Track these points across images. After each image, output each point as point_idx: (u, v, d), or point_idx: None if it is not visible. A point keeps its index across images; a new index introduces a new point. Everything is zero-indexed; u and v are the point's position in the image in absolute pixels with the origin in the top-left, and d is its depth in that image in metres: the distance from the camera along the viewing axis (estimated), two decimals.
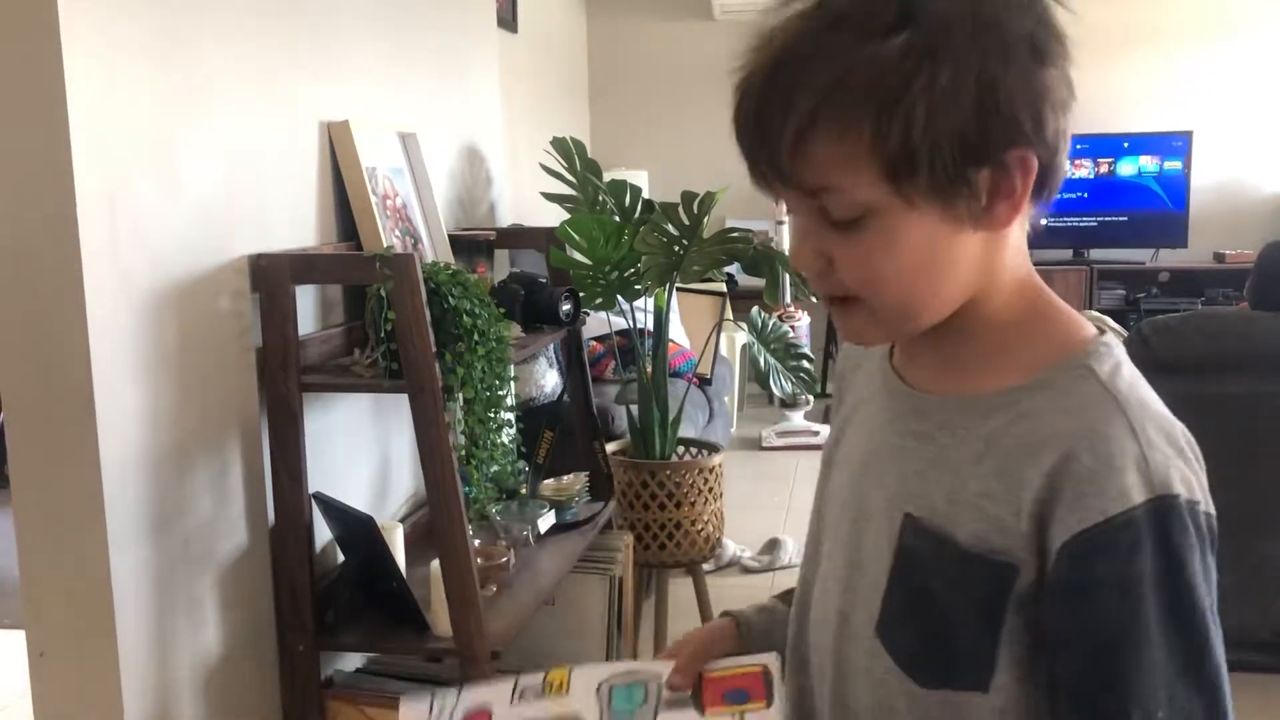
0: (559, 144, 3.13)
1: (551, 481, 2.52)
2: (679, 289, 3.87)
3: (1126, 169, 5.26)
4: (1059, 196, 0.79)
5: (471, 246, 2.66)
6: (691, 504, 2.85)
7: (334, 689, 1.96)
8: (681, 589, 2.98)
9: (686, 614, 2.92)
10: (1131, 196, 5.28)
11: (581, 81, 5.66)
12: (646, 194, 3.06)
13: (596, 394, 2.84)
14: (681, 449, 3.04)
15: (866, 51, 0.68)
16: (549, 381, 3.17)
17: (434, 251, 2.36)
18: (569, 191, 3.14)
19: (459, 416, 1.90)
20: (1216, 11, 5.23)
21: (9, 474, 1.56)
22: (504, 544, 2.19)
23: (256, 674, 1.89)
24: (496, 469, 1.98)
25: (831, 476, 0.93)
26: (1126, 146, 5.22)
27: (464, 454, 1.90)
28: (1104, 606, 0.70)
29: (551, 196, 3.19)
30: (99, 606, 1.55)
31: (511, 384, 2.01)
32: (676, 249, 2.73)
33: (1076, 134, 0.76)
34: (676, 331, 4.13)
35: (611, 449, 2.87)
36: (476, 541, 2.08)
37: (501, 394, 1.94)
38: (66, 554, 1.55)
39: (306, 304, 1.99)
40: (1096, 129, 5.17)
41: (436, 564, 1.85)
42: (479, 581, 1.84)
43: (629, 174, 4.51)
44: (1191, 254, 5.24)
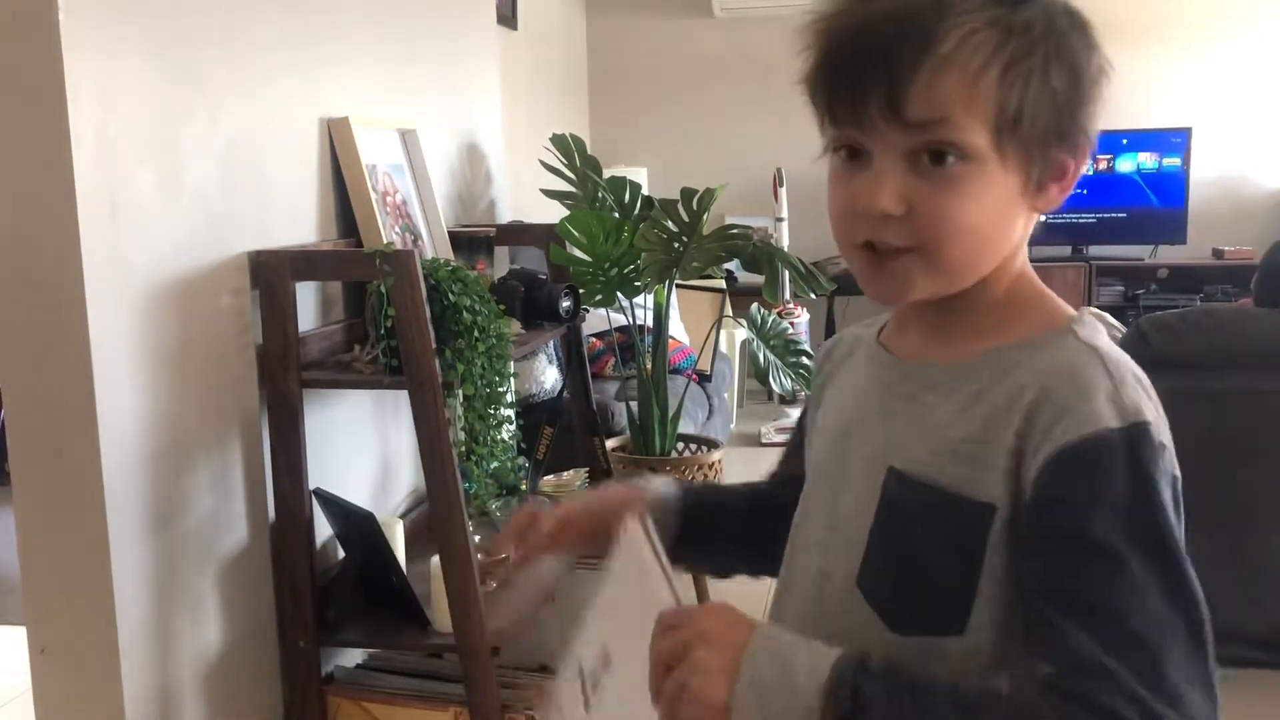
0: (559, 141, 3.13)
1: (551, 478, 2.53)
2: (679, 285, 3.87)
3: (1126, 165, 5.26)
4: None
5: (471, 243, 2.66)
6: None
7: (335, 685, 1.96)
8: (681, 583, 2.98)
9: None
10: (1130, 193, 5.28)
11: (581, 78, 5.66)
12: (646, 190, 3.07)
13: (596, 390, 2.85)
14: (681, 445, 3.04)
15: (999, 12, 0.75)
16: (549, 378, 3.18)
17: (434, 248, 2.37)
18: (569, 188, 3.14)
19: (459, 413, 1.90)
20: (1216, 7, 5.22)
21: (10, 471, 1.56)
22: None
23: (257, 670, 1.89)
24: (496, 465, 1.98)
25: (809, 457, 0.96)
26: (1125, 143, 5.22)
27: (464, 450, 1.91)
28: (1077, 515, 0.72)
29: (551, 193, 3.19)
30: (100, 603, 1.55)
31: (511, 380, 2.01)
32: (676, 246, 2.73)
33: None
34: (676, 328, 4.13)
35: (611, 445, 2.87)
36: (477, 538, 2.08)
37: (501, 390, 1.94)
38: (67, 551, 1.55)
39: (307, 301, 2.00)
40: (1097, 133, 5.16)
41: (437, 560, 1.85)
42: (479, 578, 1.85)
43: (628, 171, 4.52)
44: (1190, 250, 5.24)
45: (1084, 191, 5.24)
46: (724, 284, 4.27)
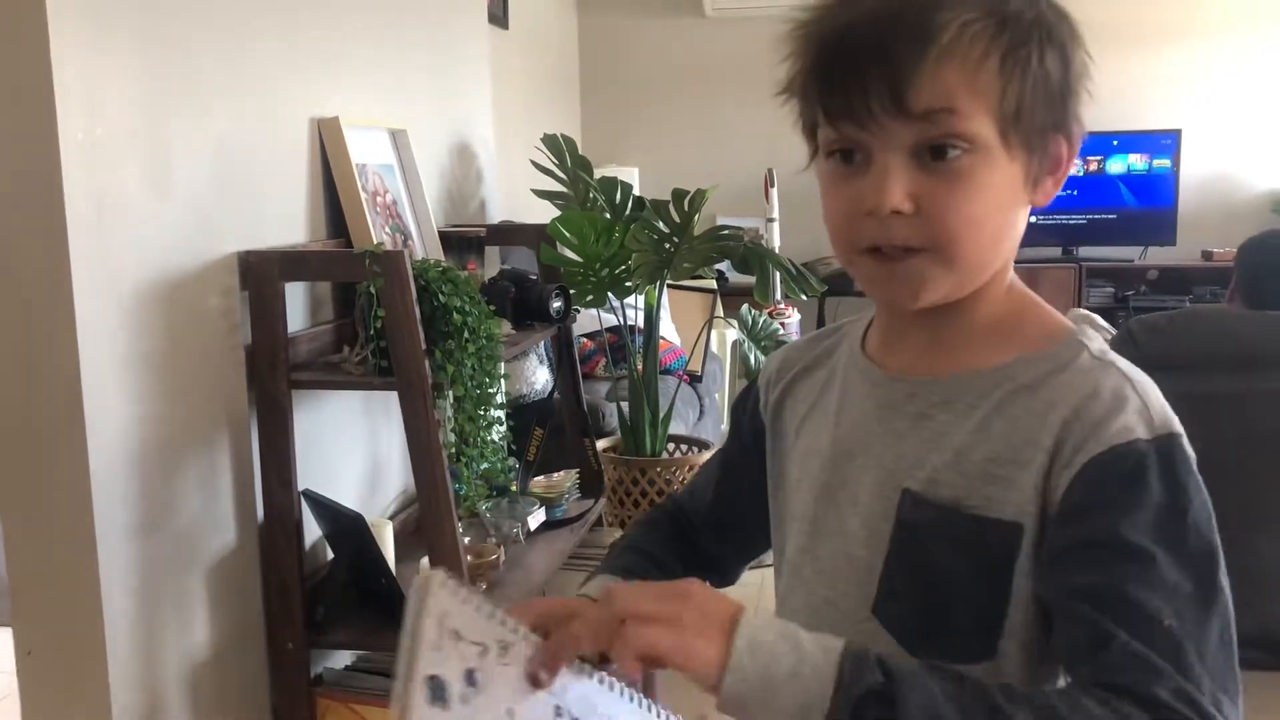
0: (550, 141, 3.13)
1: (542, 479, 2.52)
2: (669, 286, 3.87)
3: (1115, 167, 5.27)
4: None
5: (462, 243, 2.65)
6: None
7: (323, 687, 1.95)
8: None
9: None
10: (1120, 194, 5.29)
11: (573, 78, 5.65)
12: (637, 191, 3.07)
13: (587, 391, 2.84)
14: (672, 446, 3.04)
15: (992, 3, 0.75)
16: (539, 378, 3.17)
17: (424, 248, 2.36)
18: (560, 188, 3.14)
19: (449, 414, 1.90)
20: (1205, 9, 5.24)
21: None
22: (494, 541, 2.19)
23: (245, 672, 1.88)
24: (486, 466, 1.98)
25: (788, 475, 0.92)
26: (1115, 144, 5.23)
27: (454, 451, 1.90)
28: (1111, 521, 0.70)
29: (542, 193, 3.19)
30: (87, 605, 1.54)
31: (502, 381, 2.01)
32: (667, 246, 2.73)
33: None
34: (667, 328, 4.13)
35: (602, 446, 2.87)
36: (466, 539, 2.08)
37: (491, 391, 1.94)
38: (54, 552, 1.54)
39: (296, 301, 1.99)
40: (1086, 127, 5.18)
41: (426, 561, 1.85)
42: (469, 579, 1.84)
43: (620, 171, 4.52)
44: (1180, 252, 5.25)
45: (1074, 193, 5.25)
46: (715, 284, 4.27)
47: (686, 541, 1.02)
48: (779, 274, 2.91)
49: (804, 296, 2.95)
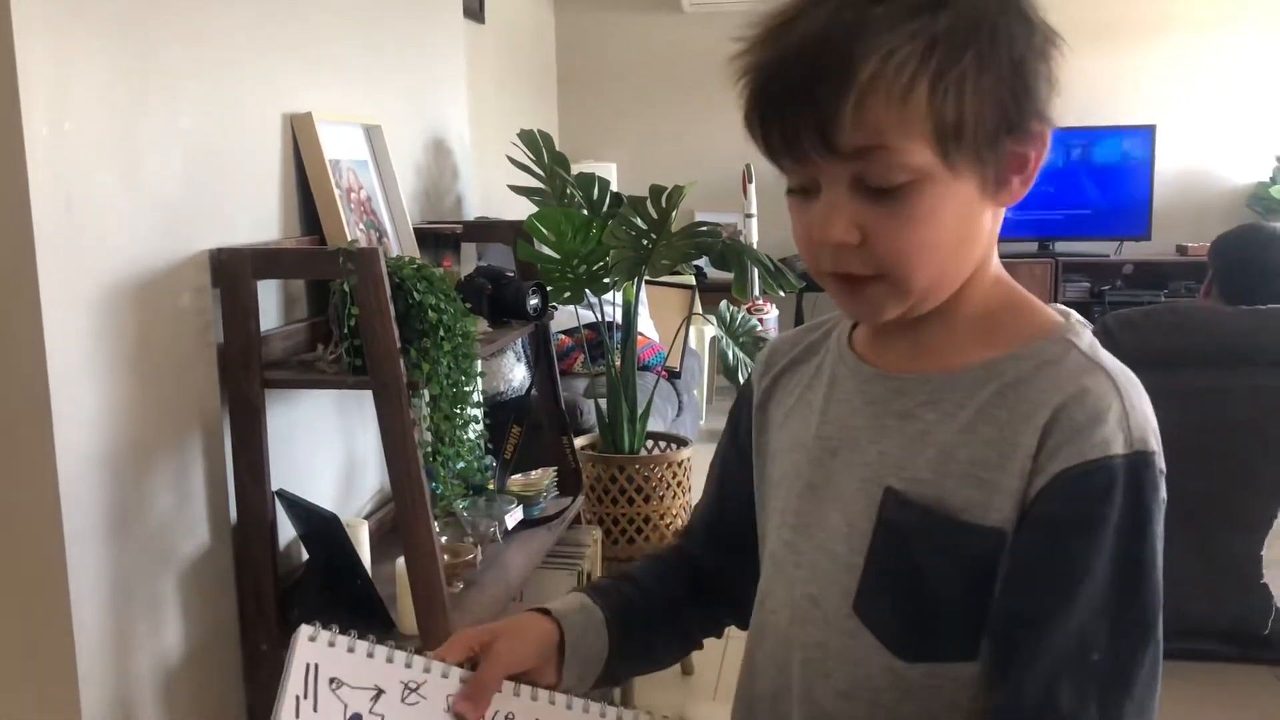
0: (526, 136, 3.11)
1: (519, 477, 2.51)
2: (648, 282, 3.86)
3: (1091, 162, 5.30)
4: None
5: (438, 240, 2.64)
6: (660, 498, 2.85)
7: None
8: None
9: None
10: (1095, 190, 5.32)
11: (550, 73, 5.63)
12: (615, 187, 3.06)
13: (565, 388, 2.83)
14: (650, 443, 3.03)
15: (918, 24, 0.71)
16: (517, 376, 3.16)
17: (399, 245, 2.34)
18: (537, 185, 3.13)
19: (425, 413, 1.88)
20: (1179, 6, 5.27)
21: None
22: (471, 540, 2.18)
23: (219, 674, 1.86)
24: (463, 465, 1.96)
25: (772, 469, 0.92)
26: (1090, 140, 5.26)
27: (430, 450, 1.89)
28: (1065, 541, 0.72)
29: (519, 189, 3.17)
30: (56, 607, 1.52)
31: (478, 379, 1.99)
32: (645, 243, 2.72)
33: None
34: (645, 325, 4.12)
35: (580, 444, 2.86)
36: (443, 538, 2.06)
37: (468, 389, 1.92)
38: (22, 554, 1.52)
39: (269, 299, 1.97)
40: (1061, 122, 5.20)
41: (402, 562, 1.83)
42: (445, 578, 1.83)
43: (597, 166, 4.51)
44: (1155, 246, 5.29)
45: (1050, 189, 5.28)
46: (693, 281, 4.26)
47: (687, 567, 1.01)
48: (757, 270, 2.90)
49: (782, 292, 2.94)
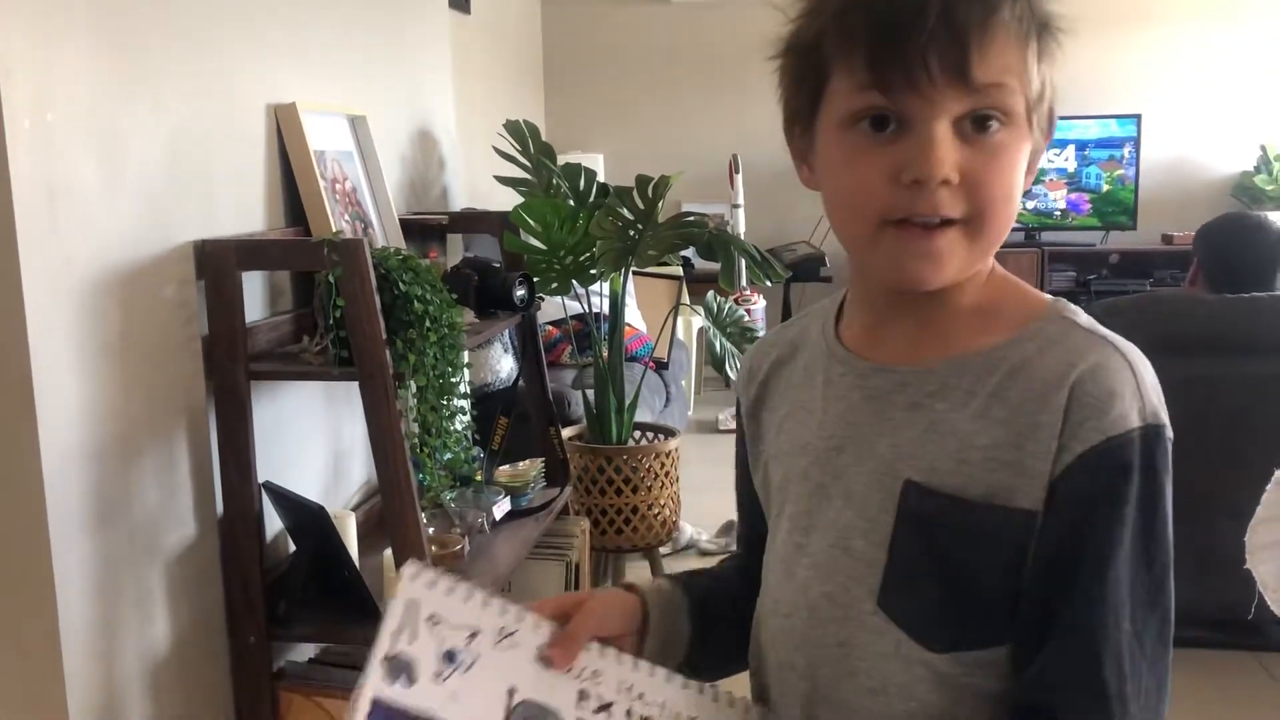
0: (512, 127, 3.10)
1: (507, 468, 2.51)
2: (635, 273, 3.86)
3: (1077, 151, 5.32)
4: None
5: (424, 231, 2.63)
6: (648, 488, 2.85)
7: (286, 680, 1.93)
8: (638, 573, 2.98)
9: None
10: (1081, 179, 5.34)
11: (536, 64, 5.61)
12: (601, 178, 3.05)
13: (552, 379, 2.83)
14: (638, 433, 3.03)
15: None
16: (504, 367, 3.15)
17: (385, 236, 2.33)
18: (523, 175, 3.12)
19: (411, 404, 1.88)
20: None
21: None
22: (458, 531, 2.17)
23: (207, 667, 1.86)
24: (450, 456, 1.96)
25: (773, 474, 0.92)
26: (1076, 129, 5.27)
27: (417, 441, 1.88)
28: (1095, 516, 0.73)
29: (505, 180, 3.16)
30: (41, 601, 1.51)
31: (465, 370, 1.99)
32: (632, 233, 2.71)
33: None
34: (633, 315, 4.12)
35: (567, 434, 2.86)
36: (431, 529, 2.06)
37: (454, 381, 1.92)
38: (7, 548, 1.51)
39: (254, 291, 1.96)
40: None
41: (389, 553, 1.83)
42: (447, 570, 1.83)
43: (584, 157, 4.49)
44: (1140, 236, 5.31)
45: (1036, 177, 5.29)
46: (680, 271, 4.26)
47: (749, 566, 1.00)
48: (744, 260, 2.90)
49: (769, 283, 2.94)
